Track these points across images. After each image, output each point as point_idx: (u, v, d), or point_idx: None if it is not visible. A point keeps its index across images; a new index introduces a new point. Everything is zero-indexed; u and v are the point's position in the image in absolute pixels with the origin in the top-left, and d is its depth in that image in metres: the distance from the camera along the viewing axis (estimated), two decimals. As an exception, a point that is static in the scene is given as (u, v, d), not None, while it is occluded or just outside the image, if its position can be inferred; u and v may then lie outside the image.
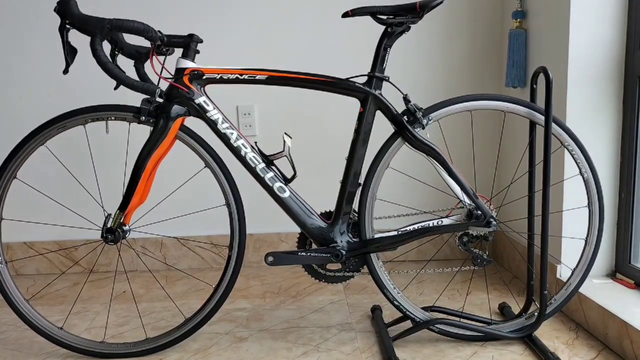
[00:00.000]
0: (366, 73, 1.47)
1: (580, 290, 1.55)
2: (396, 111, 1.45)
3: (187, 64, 1.43)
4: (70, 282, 2.21)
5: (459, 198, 1.48)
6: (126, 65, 1.47)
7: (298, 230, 1.52)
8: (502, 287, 2.01)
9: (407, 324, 1.57)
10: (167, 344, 1.54)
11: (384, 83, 1.47)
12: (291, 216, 1.50)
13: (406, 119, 1.45)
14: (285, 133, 1.50)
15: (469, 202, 1.47)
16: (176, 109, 1.44)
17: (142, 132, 1.51)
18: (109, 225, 1.45)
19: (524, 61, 2.00)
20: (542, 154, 1.43)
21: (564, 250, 1.75)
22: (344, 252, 1.48)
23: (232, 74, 1.43)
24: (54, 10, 1.35)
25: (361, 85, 1.45)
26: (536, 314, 1.51)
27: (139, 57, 1.51)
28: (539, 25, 1.90)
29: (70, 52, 1.38)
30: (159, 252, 2.35)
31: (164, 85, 1.43)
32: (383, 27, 1.44)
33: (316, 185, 1.99)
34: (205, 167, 1.52)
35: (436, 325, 1.53)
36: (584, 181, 1.48)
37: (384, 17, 1.42)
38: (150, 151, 1.43)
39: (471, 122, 2.22)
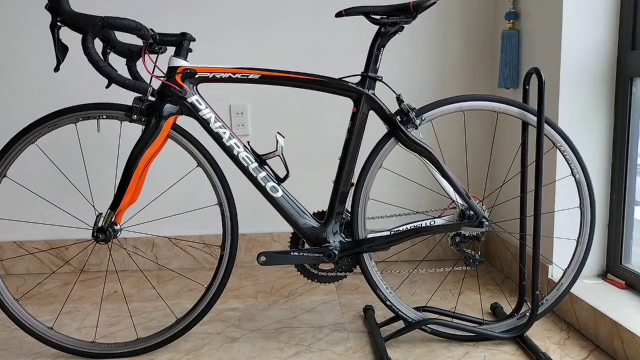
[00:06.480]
0: (359, 73, 1.47)
1: (572, 290, 1.56)
2: (389, 111, 1.45)
3: (180, 62, 1.42)
4: (60, 282, 2.19)
5: (451, 198, 1.48)
6: (118, 63, 1.46)
7: (291, 230, 1.52)
8: (494, 287, 2.02)
9: (400, 324, 1.57)
10: (159, 344, 1.53)
11: (377, 83, 1.47)
12: (284, 216, 1.49)
13: (399, 119, 1.45)
14: (278, 132, 1.49)
15: (462, 203, 1.48)
16: (168, 107, 1.43)
17: (133, 131, 1.50)
18: (100, 225, 1.43)
19: (516, 62, 2.01)
20: (534, 155, 1.44)
21: (556, 251, 1.76)
22: (336, 252, 1.48)
23: (224, 72, 1.43)
24: (45, 7, 1.33)
25: (354, 85, 1.45)
26: (528, 314, 1.52)
27: (131, 55, 1.49)
28: (532, 26, 1.91)
29: (61, 50, 1.37)
30: (151, 251, 2.34)
31: (156, 84, 1.42)
32: (377, 27, 1.44)
33: (309, 185, 1.99)
34: (197, 166, 1.51)
35: (428, 326, 1.53)
36: (576, 182, 1.49)
37: (378, 17, 1.42)
38: (142, 150, 1.42)
39: (464, 123, 2.23)
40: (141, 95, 1.41)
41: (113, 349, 1.52)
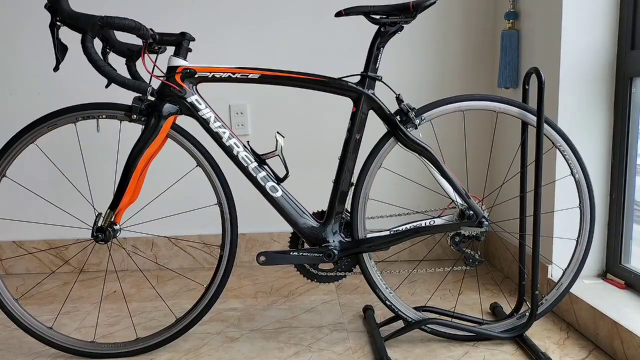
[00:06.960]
0: (359, 73, 1.47)
1: (572, 290, 1.56)
2: (389, 111, 1.45)
3: (179, 62, 1.42)
4: (60, 282, 2.19)
5: (451, 198, 1.48)
6: (118, 63, 1.46)
7: (290, 229, 1.52)
8: (493, 287, 2.02)
9: (399, 324, 1.57)
10: (158, 344, 1.53)
11: (377, 83, 1.47)
12: (283, 216, 1.49)
13: (399, 119, 1.45)
14: (277, 132, 1.49)
15: (461, 202, 1.48)
16: (168, 107, 1.43)
17: (133, 131, 1.50)
18: (99, 225, 1.43)
19: (516, 62, 2.01)
20: (534, 155, 1.44)
21: (555, 251, 1.76)
22: (336, 252, 1.48)
23: (224, 72, 1.43)
24: (45, 6, 1.34)
25: (354, 85, 1.44)
26: (527, 314, 1.51)
27: (131, 55, 1.50)
28: (532, 26, 1.91)
29: (60, 50, 1.37)
30: (150, 251, 2.34)
31: (155, 84, 1.42)
32: (376, 27, 1.44)
33: (309, 185, 1.99)
34: (197, 166, 1.51)
35: (428, 325, 1.53)
36: (575, 182, 1.49)
37: (377, 16, 1.42)
38: (142, 150, 1.42)
39: (464, 123, 2.23)
40: (141, 95, 1.41)
41: (112, 349, 1.52)
